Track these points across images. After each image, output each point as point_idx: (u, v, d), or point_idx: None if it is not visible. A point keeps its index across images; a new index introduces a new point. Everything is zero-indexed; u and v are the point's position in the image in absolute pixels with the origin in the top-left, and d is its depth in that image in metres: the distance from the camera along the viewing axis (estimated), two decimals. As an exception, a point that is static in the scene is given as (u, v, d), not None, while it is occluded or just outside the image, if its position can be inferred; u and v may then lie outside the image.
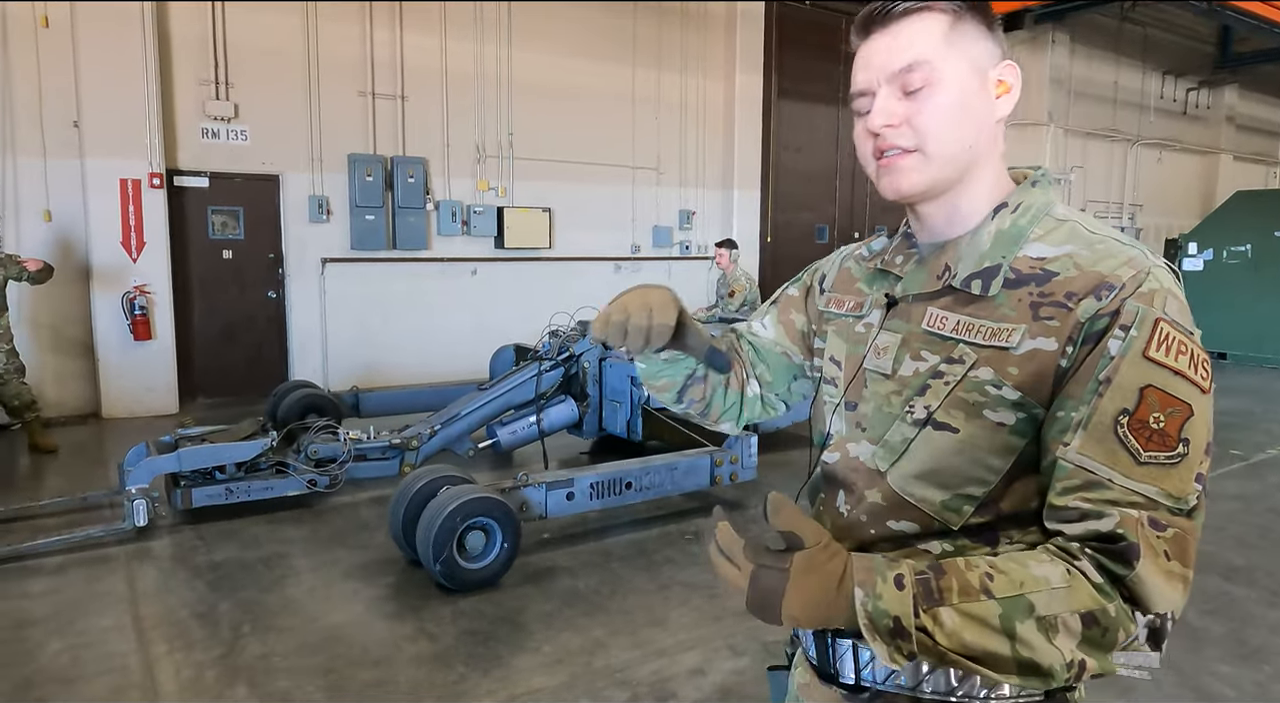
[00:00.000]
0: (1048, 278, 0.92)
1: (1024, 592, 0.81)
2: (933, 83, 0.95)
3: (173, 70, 7.38)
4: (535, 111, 9.26)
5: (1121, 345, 0.85)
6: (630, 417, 5.42)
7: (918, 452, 0.97)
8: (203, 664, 3.11)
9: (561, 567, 4.09)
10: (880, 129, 0.97)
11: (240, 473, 4.58)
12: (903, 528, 0.99)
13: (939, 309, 0.99)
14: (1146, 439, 0.84)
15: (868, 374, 1.05)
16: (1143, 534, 0.82)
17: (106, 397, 7.17)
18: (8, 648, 3.21)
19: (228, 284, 7.91)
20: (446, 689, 2.95)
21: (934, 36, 0.96)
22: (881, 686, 0.99)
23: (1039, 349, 0.90)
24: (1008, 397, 0.91)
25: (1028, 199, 1.00)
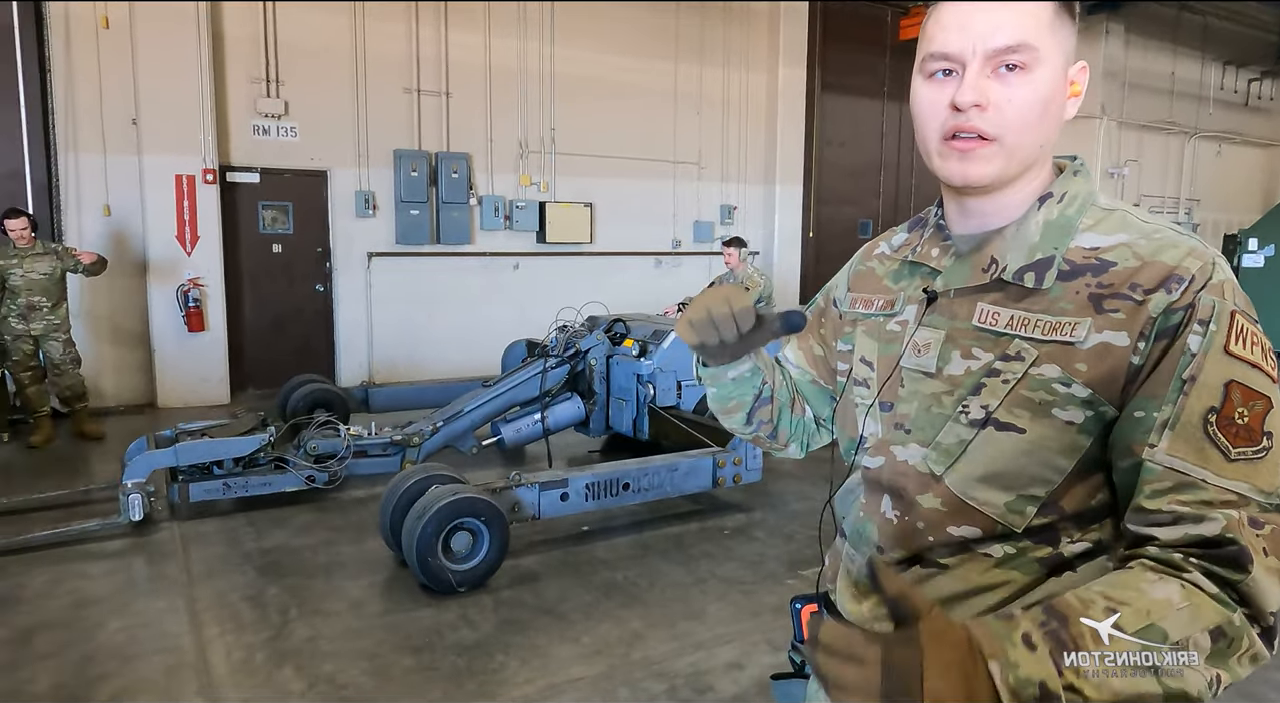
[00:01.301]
0: (1105, 268, 0.90)
1: (1153, 621, 0.77)
2: (1031, 70, 0.90)
3: (226, 69, 7.57)
4: (577, 107, 9.30)
5: (1203, 342, 0.84)
6: (637, 415, 5.35)
7: (977, 453, 0.94)
8: (252, 646, 3.21)
9: (600, 559, 4.12)
10: (968, 107, 0.91)
11: (238, 468, 4.56)
12: (964, 533, 0.95)
13: (989, 304, 0.96)
14: (1234, 435, 0.82)
15: (905, 372, 1.02)
16: (1247, 536, 0.79)
17: (162, 387, 7.39)
18: (69, 627, 3.34)
19: (277, 278, 8.10)
20: (487, 677, 3.00)
21: (1042, 20, 0.90)
22: None
23: (1109, 344, 0.87)
24: (1078, 394, 0.88)
25: (1072, 189, 0.97)
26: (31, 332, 5.99)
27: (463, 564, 3.68)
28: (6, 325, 5.94)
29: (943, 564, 0.96)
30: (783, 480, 5.50)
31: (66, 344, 6.16)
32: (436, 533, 3.58)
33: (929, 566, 0.98)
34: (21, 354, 5.99)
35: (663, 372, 5.28)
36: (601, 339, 5.57)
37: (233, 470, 4.55)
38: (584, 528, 4.52)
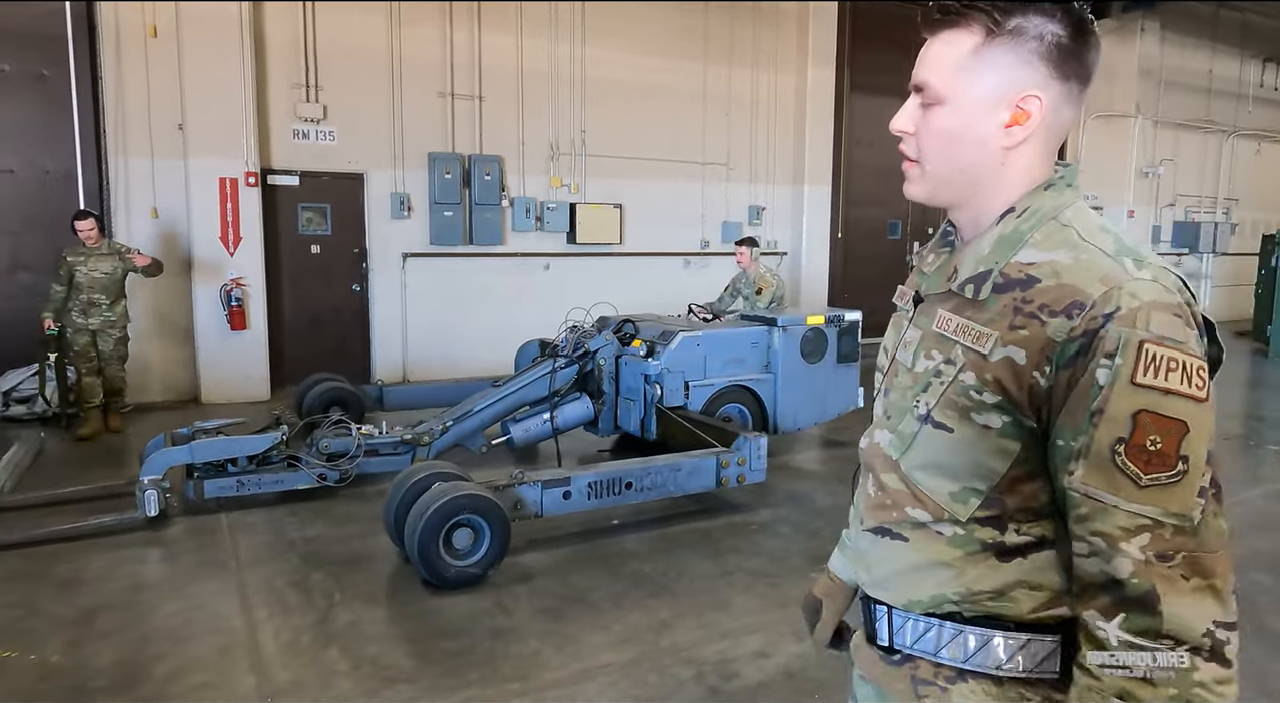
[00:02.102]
0: (1030, 284, 0.95)
1: None
2: (937, 104, 1.01)
3: (267, 75, 7.80)
4: (608, 110, 9.43)
5: (1109, 374, 0.87)
6: (644, 415, 5.38)
7: (922, 445, 1.03)
8: (299, 629, 3.36)
9: (629, 552, 4.24)
10: (896, 132, 1.05)
11: (252, 466, 4.65)
12: (918, 516, 1.04)
13: (946, 311, 1.04)
14: (1145, 463, 0.86)
15: (899, 365, 1.12)
16: (1155, 575, 0.85)
17: (205, 383, 7.63)
18: (128, 608, 3.53)
19: (315, 278, 8.32)
20: (521, 661, 3.13)
21: (952, 58, 0.99)
22: (910, 649, 1.08)
23: (1011, 359, 0.93)
24: (988, 401, 0.95)
25: (1036, 203, 1.01)
26: (89, 326, 6.25)
27: (464, 560, 3.72)
28: (69, 319, 6.23)
29: (905, 537, 1.07)
30: (808, 479, 5.59)
31: (118, 342, 6.41)
32: (437, 529, 3.62)
33: (895, 537, 1.08)
34: (80, 346, 6.25)
35: (670, 372, 5.34)
36: (610, 340, 5.62)
37: (246, 468, 4.64)
38: (614, 522, 4.64)
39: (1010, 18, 0.97)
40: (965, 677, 1.03)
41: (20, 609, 3.49)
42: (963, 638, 1.02)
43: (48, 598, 3.61)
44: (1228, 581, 0.87)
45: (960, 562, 1.02)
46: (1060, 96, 0.99)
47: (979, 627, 1.01)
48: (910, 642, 1.08)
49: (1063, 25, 0.97)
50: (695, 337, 5.52)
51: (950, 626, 1.03)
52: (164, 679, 2.97)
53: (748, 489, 5.02)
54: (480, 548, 3.76)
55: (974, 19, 0.98)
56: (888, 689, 1.11)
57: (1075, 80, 1.00)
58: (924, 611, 1.06)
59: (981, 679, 1.01)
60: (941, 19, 1.01)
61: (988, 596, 1.01)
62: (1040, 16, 0.97)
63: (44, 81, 7.14)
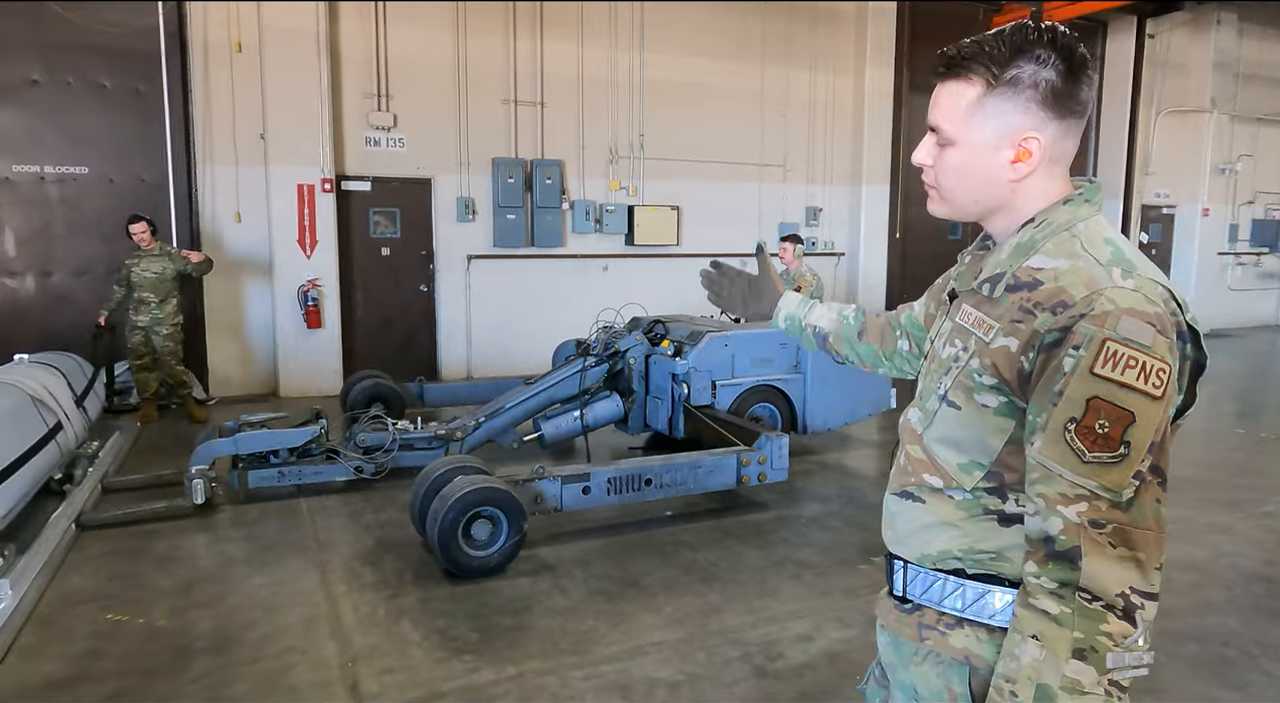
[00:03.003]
0: (1035, 286, 1.09)
1: (1036, 682, 1.00)
2: (949, 145, 1.16)
3: (342, 86, 8.21)
4: (665, 113, 9.62)
5: (1073, 363, 1.01)
6: (672, 414, 5.46)
7: (939, 421, 1.20)
8: (375, 603, 3.63)
9: (683, 541, 4.41)
10: (916, 164, 1.22)
11: (293, 458, 4.88)
12: (933, 483, 1.21)
13: (969, 306, 1.20)
14: (1091, 442, 0.99)
15: (934, 352, 1.29)
16: (1085, 536, 0.99)
17: (283, 378, 8.07)
18: (221, 581, 3.85)
19: (385, 278, 8.71)
20: (578, 637, 3.33)
21: (958, 107, 1.14)
22: (919, 599, 1.25)
23: (1005, 346, 1.10)
24: (986, 383, 1.12)
25: (1052, 216, 1.15)
26: (140, 323, 6.72)
27: (482, 551, 3.85)
28: (127, 317, 6.72)
29: (923, 500, 1.24)
30: (860, 478, 5.68)
31: (168, 337, 6.81)
32: (457, 520, 3.75)
33: (915, 500, 1.25)
34: (134, 343, 6.74)
35: (697, 372, 5.42)
36: (640, 339, 5.70)
37: (287, 460, 4.87)
38: (668, 513, 4.82)
39: (1006, 70, 1.10)
40: (963, 624, 1.19)
41: (127, 580, 3.85)
42: (964, 591, 1.19)
43: (149, 571, 3.96)
44: (1153, 557, 1.00)
45: (966, 523, 1.18)
46: (1058, 132, 1.12)
47: (978, 582, 1.17)
48: (920, 593, 1.24)
49: (1055, 71, 1.09)
50: (723, 337, 5.57)
51: (954, 580, 1.20)
52: (256, 643, 3.26)
53: (801, 487, 5.15)
54: (498, 540, 3.88)
55: (975, 72, 1.12)
56: (899, 635, 1.27)
57: (1071, 116, 1.12)
58: (932, 565, 1.22)
59: (976, 627, 1.18)
60: (946, 71, 1.15)
61: (988, 555, 1.17)
62: (1033, 65, 1.09)
63: (140, 96, 7.66)
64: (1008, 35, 1.11)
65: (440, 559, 3.84)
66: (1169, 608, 3.62)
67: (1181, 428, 1.14)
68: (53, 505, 4.47)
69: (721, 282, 1.80)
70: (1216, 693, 2.99)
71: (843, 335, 1.64)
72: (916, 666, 1.24)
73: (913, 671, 1.24)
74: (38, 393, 4.65)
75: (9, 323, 7.30)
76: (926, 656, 1.22)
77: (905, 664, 1.26)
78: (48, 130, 7.40)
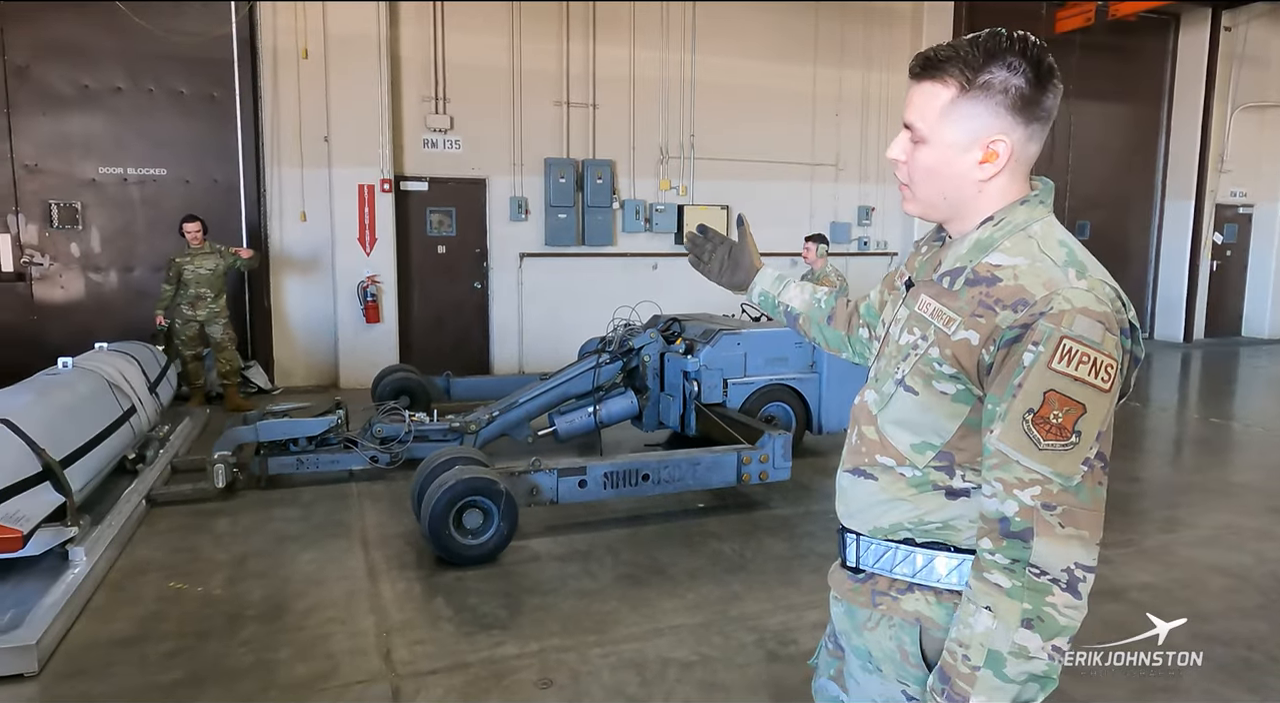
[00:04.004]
0: (994, 282, 1.17)
1: (988, 648, 1.10)
2: (922, 143, 1.22)
3: (401, 90, 8.53)
4: (716, 113, 9.70)
5: (1033, 357, 1.09)
6: (684, 411, 5.50)
7: (895, 405, 1.28)
8: (412, 580, 3.85)
9: (711, 532, 4.52)
10: (889, 160, 1.29)
11: (311, 447, 5.05)
12: (885, 462, 1.30)
13: (927, 296, 1.27)
14: (1046, 431, 1.08)
15: (889, 337, 1.37)
16: (1037, 517, 1.09)
17: (343, 370, 8.43)
18: (273, 556, 4.12)
19: (441, 275, 9.02)
20: (600, 617, 3.48)
21: (933, 107, 1.20)
22: (872, 568, 1.34)
23: (967, 340, 1.17)
24: (945, 372, 1.20)
25: (1011, 215, 1.22)
26: (197, 317, 7.11)
27: (473, 540, 3.94)
28: (179, 311, 7.12)
29: (875, 477, 1.33)
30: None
31: (225, 327, 7.24)
32: (448, 508, 3.85)
33: (866, 477, 1.34)
34: (188, 336, 7.14)
35: (708, 370, 5.45)
36: (655, 337, 5.74)
37: (306, 448, 5.06)
38: (700, 506, 4.93)
39: (979, 74, 1.16)
40: (913, 589, 1.28)
41: (189, 553, 4.15)
42: (913, 558, 1.28)
43: (208, 544, 4.26)
44: (1095, 534, 1.10)
45: (916, 498, 1.27)
46: (1024, 136, 1.19)
47: (927, 549, 1.27)
48: (872, 562, 1.33)
49: (1024, 78, 1.16)
50: (736, 336, 5.58)
51: (904, 548, 1.29)
52: (302, 613, 3.50)
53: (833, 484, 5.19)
54: (489, 529, 3.97)
55: (950, 75, 1.18)
56: (853, 603, 1.36)
57: (1037, 122, 1.19)
58: (884, 537, 1.31)
59: (925, 591, 1.27)
60: (922, 72, 1.22)
61: (936, 525, 1.26)
62: (1005, 71, 1.16)
63: (214, 102, 8.11)
64: (982, 41, 1.18)
65: (432, 546, 3.94)
66: (1200, 612, 3.60)
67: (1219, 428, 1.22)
68: (125, 483, 4.81)
69: (705, 246, 1.82)
70: (1233, 695, 2.96)
71: (813, 318, 1.72)
72: (870, 631, 1.32)
73: (866, 636, 1.33)
74: (114, 378, 5.01)
75: (93, 314, 7.83)
76: (879, 621, 1.31)
77: (859, 630, 1.35)
78: (131, 135, 7.90)
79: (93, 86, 7.75)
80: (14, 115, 7.52)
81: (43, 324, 7.74)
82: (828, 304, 1.72)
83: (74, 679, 2.97)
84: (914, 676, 1.27)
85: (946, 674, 1.15)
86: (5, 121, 7.50)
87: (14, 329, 7.61)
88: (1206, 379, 10.44)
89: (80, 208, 7.82)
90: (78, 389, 4.55)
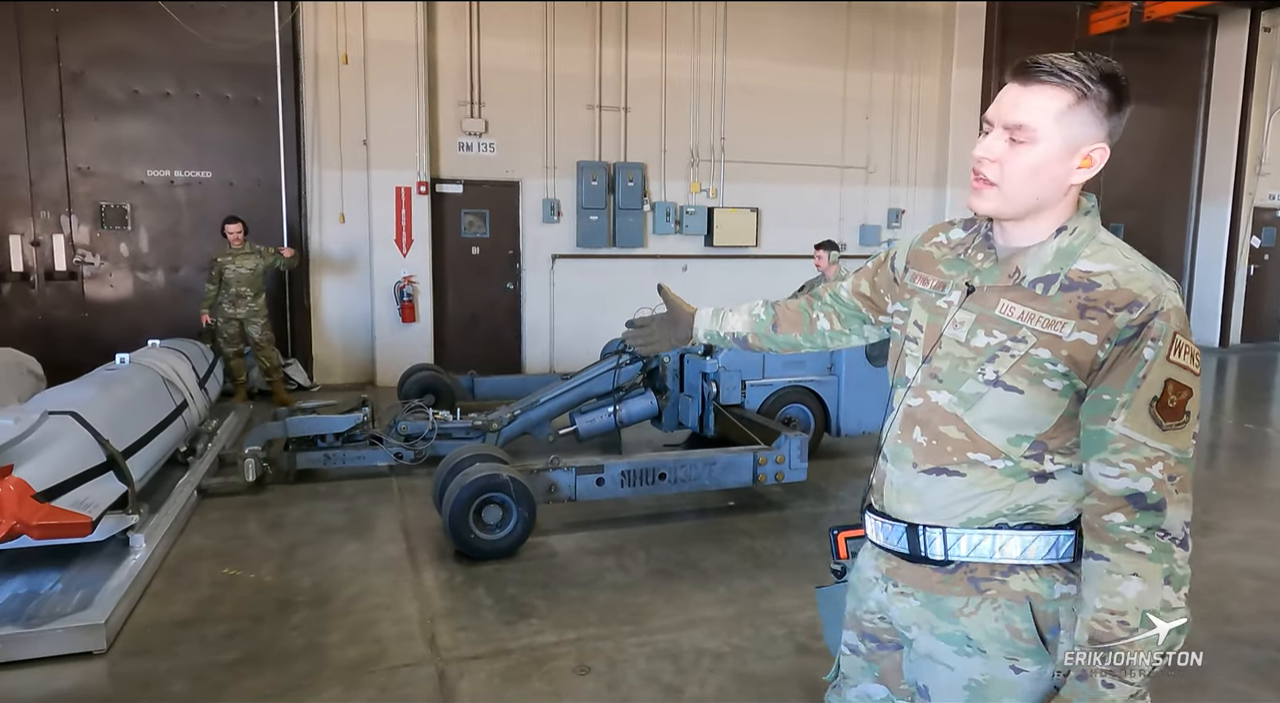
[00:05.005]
0: (1092, 287, 1.27)
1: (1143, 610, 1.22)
2: (1029, 144, 1.27)
3: (438, 94, 8.72)
4: (747, 116, 9.79)
5: (1153, 353, 1.22)
6: (702, 412, 5.57)
7: (988, 403, 1.33)
8: (453, 571, 3.99)
9: (742, 530, 4.61)
10: (979, 158, 1.32)
11: (338, 443, 5.19)
12: (979, 458, 1.35)
13: (1009, 301, 1.33)
14: (1166, 415, 1.23)
15: (944, 339, 1.40)
16: (1165, 489, 1.22)
17: (380, 368, 8.63)
18: (319, 546, 4.29)
19: (475, 276, 9.19)
20: (635, 609, 3.59)
21: (1050, 112, 1.25)
22: (966, 557, 1.37)
23: (1084, 341, 1.26)
24: (1059, 371, 1.28)
25: (1081, 225, 1.33)
26: (237, 315, 7.32)
27: (492, 535, 4.05)
28: (220, 310, 7.32)
29: (963, 473, 1.37)
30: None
31: (264, 327, 7.44)
32: (468, 504, 3.96)
33: (951, 475, 1.38)
34: (229, 334, 7.34)
35: (726, 371, 5.53)
36: None
37: (333, 445, 5.20)
38: (730, 504, 5.03)
39: (1095, 86, 1.26)
40: (1016, 570, 1.35)
41: (240, 541, 4.33)
42: (1014, 541, 1.35)
43: (260, 534, 4.44)
44: (1192, 497, 1.26)
45: (1010, 486, 1.35)
46: (1107, 149, 1.30)
47: (1023, 531, 1.35)
48: (967, 552, 1.37)
49: (1120, 98, 1.27)
50: None
51: (1003, 533, 1.35)
52: (349, 599, 3.65)
53: (858, 484, 5.26)
54: (508, 525, 4.07)
55: (1070, 82, 1.26)
56: (945, 594, 1.39)
57: (1113, 139, 1.30)
58: (980, 526, 1.36)
59: (1028, 570, 1.35)
60: (1040, 76, 1.27)
61: (1029, 507, 1.34)
62: (1109, 89, 1.26)
63: (257, 106, 8.35)
64: (1093, 59, 1.27)
65: (452, 540, 4.05)
66: (1230, 614, 3.64)
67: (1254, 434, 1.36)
68: (177, 474, 5.01)
69: (645, 332, 1.95)
70: (1262, 695, 3.01)
71: (759, 332, 1.82)
72: (968, 616, 1.37)
73: (963, 621, 1.37)
74: (168, 374, 5.22)
75: (141, 312, 8.10)
76: (981, 605, 1.36)
77: (949, 618, 1.39)
78: (178, 138, 8.16)
79: (142, 92, 8.02)
80: (68, 120, 7.81)
81: (94, 321, 8.02)
82: (768, 315, 1.82)
83: (139, 657, 3.14)
84: (1026, 650, 1.34)
85: (1101, 642, 1.24)
86: (60, 126, 7.79)
87: (67, 326, 7.90)
88: (1242, 385, 10.32)
89: (129, 209, 8.09)
90: (135, 384, 4.75)
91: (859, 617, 1.57)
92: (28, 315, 7.89)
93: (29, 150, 7.72)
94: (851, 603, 1.60)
